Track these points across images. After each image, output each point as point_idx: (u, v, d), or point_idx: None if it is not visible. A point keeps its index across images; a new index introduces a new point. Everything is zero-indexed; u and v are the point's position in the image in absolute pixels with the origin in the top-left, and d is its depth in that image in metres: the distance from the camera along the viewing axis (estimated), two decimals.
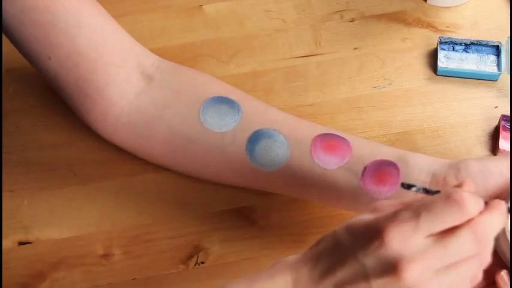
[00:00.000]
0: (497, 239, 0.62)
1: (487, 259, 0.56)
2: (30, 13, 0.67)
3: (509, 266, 0.62)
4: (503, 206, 0.56)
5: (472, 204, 0.54)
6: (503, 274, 0.62)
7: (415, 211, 0.54)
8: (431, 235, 0.54)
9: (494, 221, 0.55)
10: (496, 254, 0.63)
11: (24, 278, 0.76)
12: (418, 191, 0.58)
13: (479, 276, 0.56)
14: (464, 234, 0.54)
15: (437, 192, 0.58)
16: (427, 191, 0.58)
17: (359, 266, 0.54)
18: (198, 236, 0.77)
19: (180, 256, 0.77)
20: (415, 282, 0.53)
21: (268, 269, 0.59)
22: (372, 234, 0.54)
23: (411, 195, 0.61)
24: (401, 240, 0.53)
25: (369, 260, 0.54)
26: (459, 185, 0.60)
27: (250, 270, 0.75)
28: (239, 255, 0.77)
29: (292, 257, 0.59)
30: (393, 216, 0.54)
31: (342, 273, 0.55)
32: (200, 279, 0.76)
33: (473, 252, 0.54)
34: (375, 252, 0.53)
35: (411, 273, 0.52)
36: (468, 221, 0.54)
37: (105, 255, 0.77)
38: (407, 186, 0.58)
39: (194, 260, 0.76)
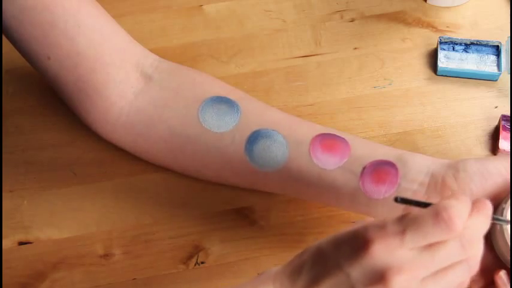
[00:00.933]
0: (495, 239, 0.62)
1: (475, 265, 0.55)
2: (30, 13, 0.67)
3: (508, 266, 0.62)
4: (487, 205, 0.56)
5: (460, 220, 0.53)
6: (502, 274, 0.62)
7: (402, 225, 0.53)
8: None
9: (480, 224, 0.55)
10: (495, 254, 0.63)
11: (24, 278, 0.76)
12: (415, 205, 0.57)
13: (467, 282, 0.56)
14: (450, 243, 0.53)
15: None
16: (424, 205, 0.57)
17: (344, 277, 0.53)
18: (198, 236, 0.77)
19: (180, 256, 0.77)
20: None
21: (252, 280, 0.59)
22: (357, 244, 0.53)
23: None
24: (387, 251, 0.52)
25: (355, 270, 0.53)
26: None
27: (250, 270, 0.75)
28: (239, 255, 0.76)
29: (276, 268, 0.59)
30: (380, 228, 0.53)
31: (326, 284, 0.54)
32: (200, 279, 0.76)
33: (461, 258, 0.54)
34: (360, 262, 0.53)
35: (398, 283, 0.52)
36: None
37: (105, 255, 0.77)
38: (402, 201, 0.58)
39: (194, 260, 0.76)
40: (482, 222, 0.55)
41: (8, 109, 0.84)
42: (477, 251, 0.55)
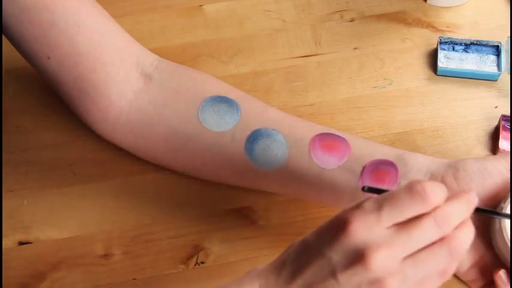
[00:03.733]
0: (494, 238, 0.62)
1: (456, 251, 0.55)
2: (30, 12, 0.67)
3: (508, 265, 0.62)
4: (469, 196, 0.56)
5: (434, 193, 0.54)
6: (502, 274, 0.62)
7: (378, 203, 0.54)
8: (395, 225, 0.54)
9: (457, 208, 0.55)
10: (494, 253, 0.63)
11: (24, 278, 0.76)
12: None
13: (449, 271, 0.56)
14: (425, 220, 0.54)
15: None
16: None
17: (325, 262, 0.54)
18: (198, 236, 0.77)
19: (180, 256, 0.77)
20: (382, 271, 0.53)
21: (238, 278, 0.59)
22: (336, 227, 0.54)
23: None
24: (365, 229, 0.53)
25: (335, 252, 0.54)
26: None
27: None
28: (239, 255, 0.76)
29: (262, 265, 0.59)
30: (356, 208, 0.54)
31: (309, 272, 0.55)
32: (200, 279, 0.76)
33: (436, 236, 0.54)
34: (339, 244, 0.54)
35: (377, 260, 0.52)
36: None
37: (105, 255, 0.77)
38: (369, 190, 0.59)
39: (194, 260, 0.76)
40: (459, 206, 0.55)
41: (8, 109, 0.84)
42: (459, 235, 0.55)
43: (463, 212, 0.56)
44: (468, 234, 0.55)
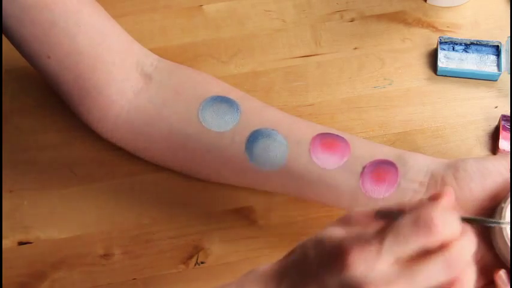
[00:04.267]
0: (494, 239, 0.62)
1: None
2: (30, 12, 0.67)
3: (508, 265, 0.62)
4: (472, 235, 0.51)
5: (443, 225, 0.49)
6: (502, 274, 0.61)
7: (381, 233, 0.50)
8: (400, 260, 0.50)
9: (467, 247, 0.51)
10: (495, 253, 0.63)
11: (24, 278, 0.76)
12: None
13: None
14: (434, 260, 0.49)
15: None
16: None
17: (323, 287, 0.51)
18: (198, 236, 0.77)
19: (180, 256, 0.77)
20: None
21: (239, 279, 0.57)
22: (336, 254, 0.50)
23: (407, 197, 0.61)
24: (365, 264, 0.49)
25: (332, 281, 0.50)
26: (436, 196, 0.53)
27: None
28: (239, 255, 0.77)
29: (263, 267, 0.57)
30: (358, 237, 0.50)
31: None
32: (200, 279, 0.76)
33: (445, 278, 0.49)
34: (337, 274, 0.49)
35: None
36: (442, 245, 0.50)
37: (105, 255, 0.77)
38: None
39: (194, 260, 0.76)
40: (468, 244, 0.51)
41: (8, 109, 0.84)
42: (468, 278, 0.51)
43: (471, 250, 0.51)
44: (473, 275, 0.51)
